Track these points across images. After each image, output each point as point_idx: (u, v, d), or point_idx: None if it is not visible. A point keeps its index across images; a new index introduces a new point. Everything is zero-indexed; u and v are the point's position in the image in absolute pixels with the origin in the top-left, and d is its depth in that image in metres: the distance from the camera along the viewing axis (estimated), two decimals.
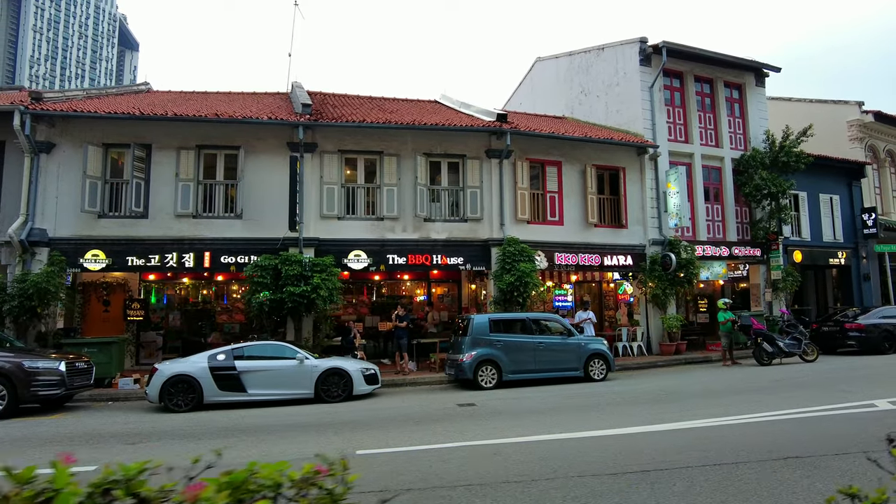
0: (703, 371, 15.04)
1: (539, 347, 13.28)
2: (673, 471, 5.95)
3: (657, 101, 19.19)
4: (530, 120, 19.92)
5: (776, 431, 7.69)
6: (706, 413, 8.98)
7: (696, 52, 19.54)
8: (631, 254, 18.29)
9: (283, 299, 14.20)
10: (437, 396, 12.13)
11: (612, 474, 5.90)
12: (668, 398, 10.86)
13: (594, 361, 13.57)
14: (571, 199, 17.82)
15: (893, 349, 17.05)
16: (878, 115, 23.50)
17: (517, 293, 15.45)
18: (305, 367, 11.75)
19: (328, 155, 16.09)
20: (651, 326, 18.24)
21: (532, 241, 16.86)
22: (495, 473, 6.14)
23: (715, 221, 20.03)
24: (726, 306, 16.51)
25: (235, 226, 15.55)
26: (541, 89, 24.53)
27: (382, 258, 15.85)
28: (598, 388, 12.39)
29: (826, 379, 12.52)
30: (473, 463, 6.61)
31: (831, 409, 8.91)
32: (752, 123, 21.01)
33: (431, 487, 5.73)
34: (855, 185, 23.26)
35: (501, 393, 12.28)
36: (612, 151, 18.49)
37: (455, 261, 16.25)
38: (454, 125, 16.29)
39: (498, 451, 7.11)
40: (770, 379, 12.86)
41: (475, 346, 12.96)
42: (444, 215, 16.72)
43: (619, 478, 5.76)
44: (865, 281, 22.89)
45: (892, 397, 9.61)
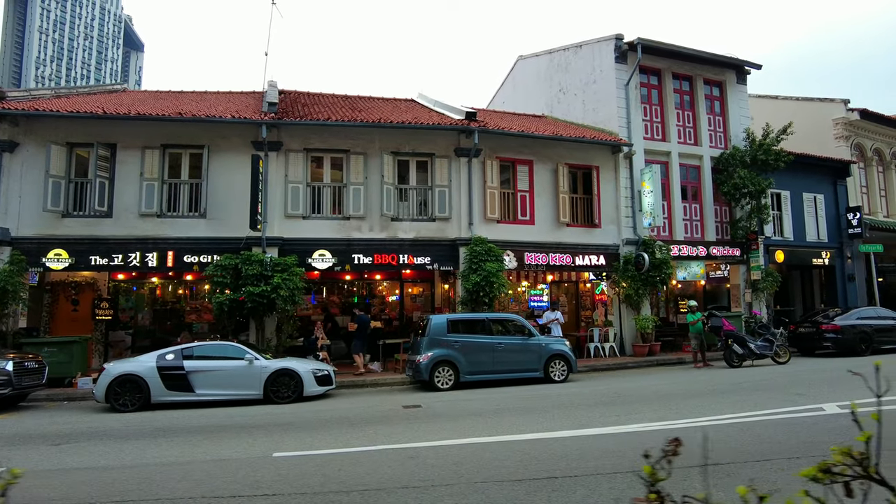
0: (671, 373, 14.79)
1: (498, 348, 13.11)
2: (581, 478, 5.79)
3: (633, 99, 18.94)
4: (505, 119, 19.74)
5: (712, 437, 7.49)
6: (650, 417, 8.79)
7: (673, 49, 19.27)
8: (604, 253, 18.07)
9: (242, 299, 14.12)
10: (389, 398, 12.00)
11: (518, 480, 5.75)
12: (619, 401, 10.66)
13: (555, 362, 13.39)
14: (543, 199, 17.62)
15: (870, 350, 16.74)
16: (864, 113, 23.11)
17: (483, 293, 15.28)
18: (254, 367, 11.65)
19: (293, 153, 15.99)
20: (624, 327, 18.02)
21: (502, 241, 16.69)
22: (399, 478, 6.00)
23: (693, 221, 19.75)
24: (693, 308, 16.26)
25: (199, 225, 15.48)
26: (523, 88, 24.34)
27: (348, 258, 15.73)
28: (554, 390, 12.21)
29: (788, 382, 12.25)
30: (385, 467, 6.48)
31: (776, 414, 8.69)
32: (732, 121, 20.71)
33: (326, 492, 5.62)
34: (840, 183, 22.89)
35: (455, 394, 12.13)
36: (585, 150, 18.27)
37: (422, 260, 16.10)
38: (420, 123, 16.12)
39: (416, 455, 6.96)
40: (732, 382, 12.62)
41: (432, 346, 12.81)
42: (412, 214, 16.58)
43: (522, 484, 5.61)
44: (850, 281, 22.52)
45: (843, 401, 9.36)
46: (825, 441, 6.80)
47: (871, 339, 16.85)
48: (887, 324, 17.42)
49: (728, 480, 5.43)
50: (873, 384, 1.69)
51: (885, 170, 25.05)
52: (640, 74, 19.49)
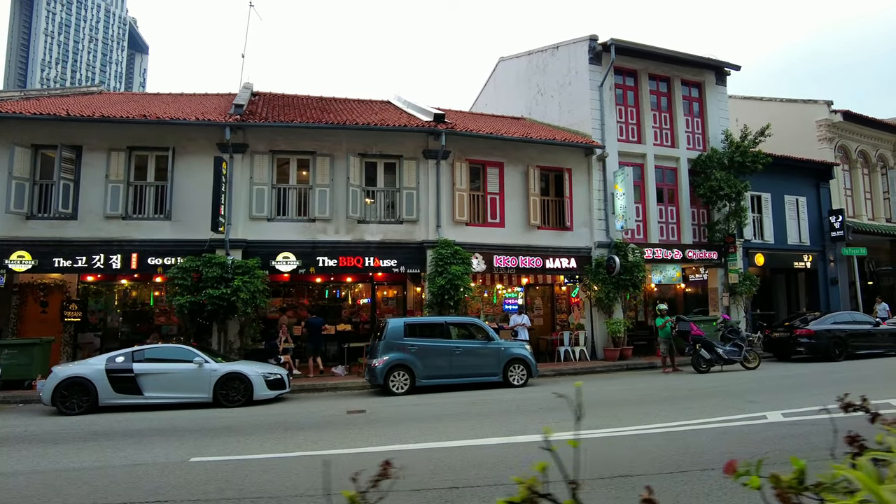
0: (636, 378, 14.60)
1: (456, 352, 12.99)
2: (483, 488, 5.70)
3: (607, 101, 18.77)
4: (479, 120, 19.62)
5: (639, 446, 7.34)
6: (589, 424, 8.59)
7: (648, 50, 19.09)
8: (576, 256, 17.91)
9: (203, 302, 14.08)
10: (340, 402, 11.90)
11: (417, 490, 5.64)
12: (567, 407, 10.48)
13: (514, 366, 13.25)
14: (514, 201, 17.49)
15: (844, 355, 16.47)
16: (847, 115, 22.82)
17: (448, 296, 15.16)
18: (204, 370, 11.59)
19: (259, 155, 15.94)
20: (596, 331, 17.84)
21: (470, 244, 16.57)
22: (300, 486, 5.94)
23: (669, 223, 19.54)
24: (662, 312, 16.05)
25: (165, 227, 15.46)
26: (504, 90, 24.22)
27: (313, 260, 15.66)
28: (508, 395, 12.07)
29: (749, 388, 12.04)
30: (293, 474, 6.41)
31: (718, 422, 8.51)
32: (711, 123, 20.49)
33: (220, 499, 5.59)
34: (823, 186, 22.61)
35: (408, 399, 12.01)
36: (557, 152, 18.12)
37: (388, 263, 16.01)
38: (387, 125, 16.04)
39: (327, 463, 6.89)
40: (691, 388, 12.44)
41: (388, 350, 12.70)
42: (379, 217, 16.49)
43: (418, 494, 5.50)
44: (833, 285, 22.23)
45: (791, 409, 9.19)
46: (748, 451, 6.64)
47: (846, 344, 16.59)
48: (862, 328, 17.17)
49: (628, 494, 5.31)
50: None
51: (871, 172, 24.74)
52: (616, 76, 19.32)
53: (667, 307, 16.70)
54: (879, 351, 17.11)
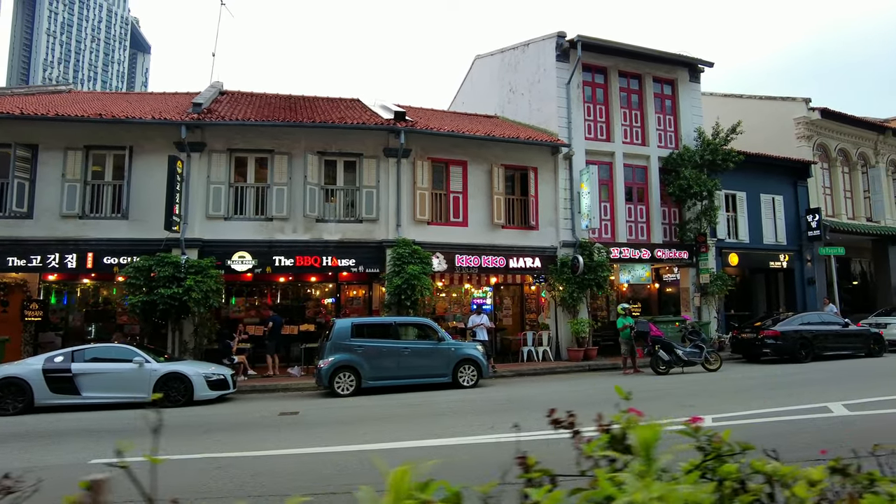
0: (592, 379, 14.40)
1: (404, 353, 12.84)
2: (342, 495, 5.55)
3: (574, 98, 18.55)
4: (445, 119, 19.45)
5: (505, 452, 7.13)
6: (506, 428, 8.47)
7: (616, 47, 18.86)
8: (541, 256, 17.71)
9: (155, 301, 14.00)
10: (281, 404, 11.77)
11: (285, 494, 5.50)
12: (502, 409, 10.36)
13: (464, 367, 13.09)
14: (477, 200, 17.32)
15: (811, 357, 16.21)
16: (825, 112, 22.48)
17: (405, 296, 15.01)
18: (144, 370, 11.50)
19: (217, 154, 15.84)
20: (560, 331, 17.65)
21: (432, 243, 16.42)
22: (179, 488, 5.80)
23: (638, 222, 19.30)
24: (625, 311, 15.83)
25: (122, 227, 15.39)
26: (479, 88, 24.03)
27: (269, 260, 15.55)
28: (453, 396, 11.93)
29: (692, 391, 11.83)
30: (177, 477, 6.27)
31: None
32: (683, 120, 20.23)
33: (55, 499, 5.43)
34: (800, 184, 22.29)
35: (351, 401, 11.89)
36: (523, 151, 17.93)
37: (347, 262, 15.88)
38: (345, 123, 15.90)
39: (224, 465, 6.78)
40: (637, 391, 12.09)
41: (334, 351, 12.57)
42: (338, 216, 16.36)
43: (281, 499, 5.37)
44: (810, 285, 21.93)
45: (724, 413, 9.00)
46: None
47: (813, 345, 16.33)
48: (831, 329, 16.90)
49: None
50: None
51: (851, 170, 24.39)
52: (585, 73, 19.10)
53: (629, 307, 16.49)
54: (848, 352, 16.85)
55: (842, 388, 11.48)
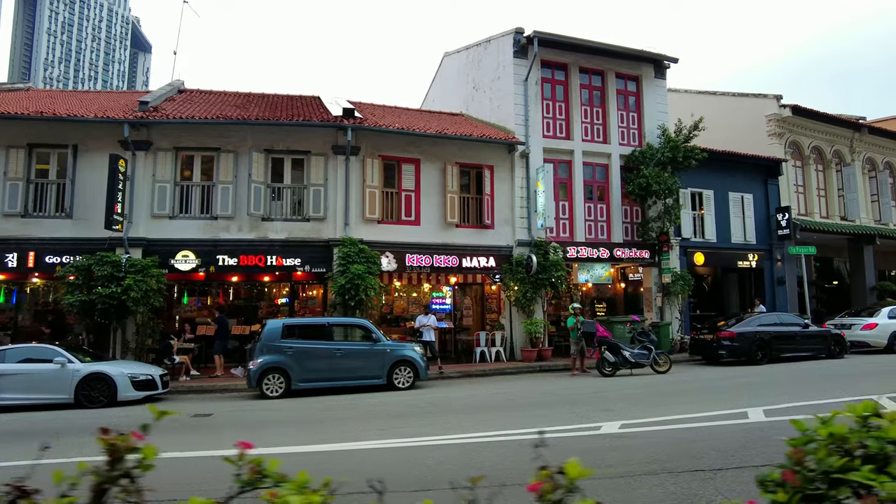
0: (536, 381, 14.12)
1: (336, 354, 12.61)
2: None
3: (532, 95, 18.26)
4: (403, 115, 19.18)
5: (379, 459, 6.90)
6: (412, 433, 8.27)
7: (575, 43, 18.55)
8: (496, 255, 17.45)
9: (93, 301, 13.85)
10: (205, 405, 11.59)
11: None
12: (418, 413, 10.11)
13: (399, 369, 12.86)
14: (431, 198, 17.06)
15: (767, 359, 15.88)
16: (796, 109, 22.08)
17: (349, 296, 14.79)
18: (66, 371, 11.34)
19: (163, 152, 15.67)
20: (515, 331, 17.38)
21: (382, 242, 16.20)
22: None
23: (598, 221, 18.99)
24: (575, 311, 15.54)
25: (65, 226, 15.24)
26: (448, 85, 23.77)
27: (212, 259, 15.36)
28: (383, 398, 11.72)
29: (625, 395, 11.54)
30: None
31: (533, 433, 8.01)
32: (647, 118, 19.89)
33: None
34: (771, 182, 21.90)
35: (278, 403, 11.71)
36: (478, 149, 17.66)
37: (292, 262, 15.67)
38: (292, 120, 15.70)
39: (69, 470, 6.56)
40: (571, 392, 12.02)
41: (264, 353, 12.37)
42: (285, 214, 16.16)
43: None
44: (780, 285, 21.54)
45: (635, 419, 8.72)
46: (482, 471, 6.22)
47: (770, 347, 15.99)
48: (789, 331, 16.55)
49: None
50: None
51: (826, 168, 23.96)
52: (545, 70, 18.81)
53: (580, 307, 16.21)
54: (807, 353, 16.50)
55: (778, 392, 11.19)
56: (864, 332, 18.03)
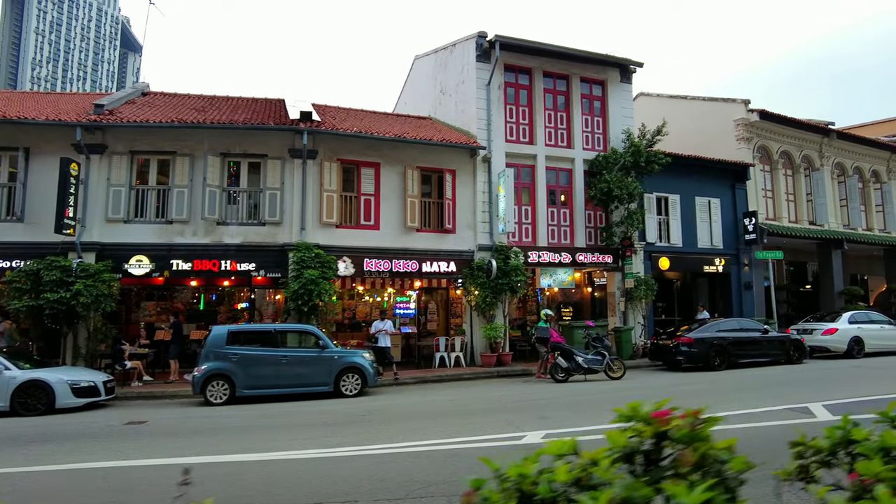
0: (489, 387, 14.03)
1: (281, 361, 12.51)
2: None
3: (494, 99, 18.23)
4: (365, 119, 19.08)
5: (290, 471, 6.83)
6: (327, 443, 8.18)
7: (538, 47, 18.51)
8: (457, 260, 17.39)
9: (41, 306, 13.70)
10: (144, 412, 11.48)
11: None
12: (359, 421, 10.02)
13: (347, 376, 12.77)
14: (391, 203, 16.99)
15: (726, 364, 15.86)
16: (763, 114, 22.13)
17: (302, 302, 14.70)
18: (2, 378, 11.19)
19: (118, 156, 15.54)
20: (475, 336, 17.32)
21: (340, 247, 16.12)
22: None
23: (561, 226, 18.96)
24: (547, 317, 15.49)
25: (17, 229, 15.07)
26: (418, 89, 23.71)
27: (167, 263, 15.23)
28: (324, 407, 11.61)
29: (568, 402, 11.49)
30: None
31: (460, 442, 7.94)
32: (612, 122, 19.89)
33: None
34: (739, 187, 21.94)
35: (219, 410, 11.60)
36: (440, 153, 17.60)
37: (247, 267, 15.56)
38: (248, 124, 15.60)
39: None
40: (515, 399, 11.96)
41: (208, 359, 12.27)
42: (241, 218, 16.05)
43: None
44: (747, 290, 21.58)
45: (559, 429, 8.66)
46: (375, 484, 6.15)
47: (728, 353, 15.98)
48: (748, 336, 16.56)
49: None
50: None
51: (795, 173, 24.03)
52: (508, 73, 18.79)
53: (551, 313, 16.18)
54: (766, 359, 16.52)
55: (714, 400, 11.11)
56: (825, 337, 18.07)
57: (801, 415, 9.07)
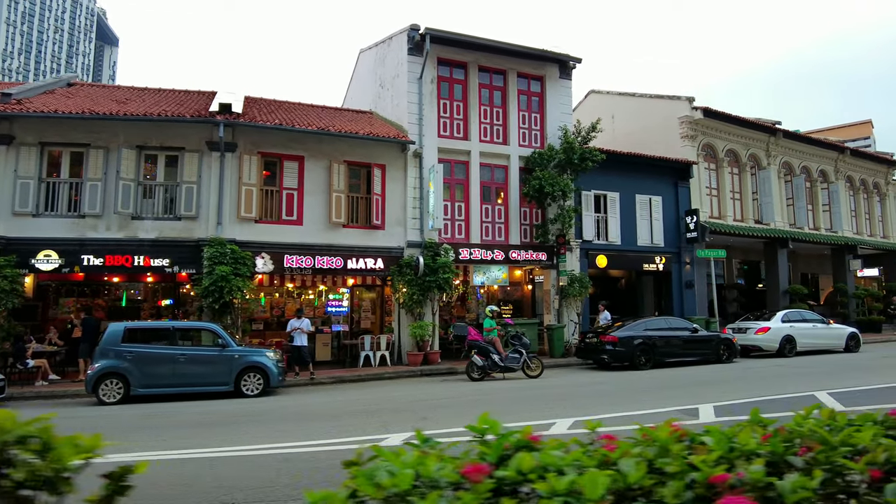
0: (406, 386, 13.73)
1: (179, 359, 12.12)
2: None
3: (427, 94, 17.92)
4: (302, 112, 18.67)
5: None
6: (192, 444, 7.86)
7: (472, 41, 18.22)
8: (385, 256, 17.06)
9: None
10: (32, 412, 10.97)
11: None
12: (239, 422, 9.71)
13: (249, 375, 12.41)
14: (316, 198, 16.61)
15: (652, 363, 15.71)
16: (707, 111, 22.03)
17: (213, 299, 14.30)
18: None
19: (26, 147, 15.00)
20: (403, 334, 17.02)
21: (259, 242, 15.73)
22: None
23: (496, 223, 18.71)
24: (492, 314, 15.19)
25: None
26: (362, 83, 23.32)
27: (77, 259, 14.74)
28: (215, 407, 11.27)
29: (466, 401, 11.26)
30: None
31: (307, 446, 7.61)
32: (550, 119, 19.66)
33: None
34: (682, 185, 21.83)
35: (107, 410, 11.25)
36: (369, 147, 17.25)
37: (161, 262, 15.12)
38: (162, 115, 15.15)
39: None
40: (412, 399, 11.70)
41: (103, 357, 11.87)
42: (156, 213, 15.59)
43: None
44: (688, 288, 21.48)
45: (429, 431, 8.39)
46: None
47: (654, 352, 15.83)
48: (676, 335, 16.42)
49: None
50: None
51: (741, 171, 23.99)
52: (443, 68, 18.48)
53: (497, 309, 15.92)
54: (694, 358, 16.39)
55: (604, 401, 10.93)
56: (758, 336, 18.01)
57: (686, 416, 8.87)
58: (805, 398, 10.29)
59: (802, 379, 13.09)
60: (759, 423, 1.97)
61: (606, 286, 23.30)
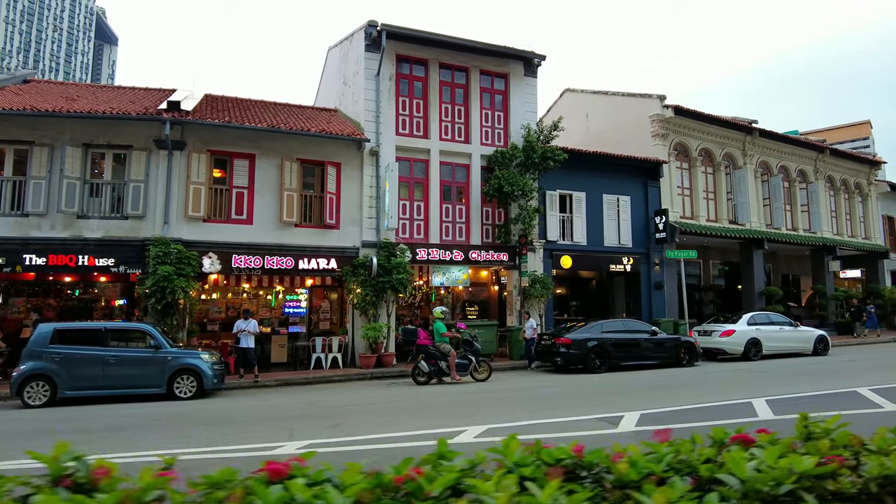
0: (349, 390, 13.45)
1: (109, 361, 11.88)
2: None
3: (385, 91, 17.62)
4: (253, 109, 18.38)
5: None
6: (82, 449, 7.54)
7: (432, 38, 17.91)
8: (339, 256, 16.78)
9: None
10: None
11: None
12: (146, 427, 9.44)
13: (182, 378, 12.15)
14: (267, 196, 16.34)
15: (606, 366, 15.38)
16: (678, 110, 21.66)
17: (156, 299, 14.05)
18: None
19: None
20: (357, 336, 16.74)
21: (208, 242, 15.48)
22: None
23: (457, 223, 18.40)
24: (444, 315, 14.88)
25: None
26: (330, 80, 23.04)
27: (19, 258, 14.51)
28: (139, 410, 11.03)
29: (396, 408, 11.01)
30: None
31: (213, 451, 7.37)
32: (514, 117, 19.33)
33: None
34: (652, 185, 21.47)
35: (30, 413, 11.03)
36: (324, 145, 16.97)
37: (105, 262, 14.87)
38: (107, 113, 14.89)
39: None
40: (351, 402, 11.48)
41: (29, 358, 11.62)
42: (103, 212, 15.34)
43: None
44: (657, 289, 21.12)
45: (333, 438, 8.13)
46: None
47: (609, 355, 15.50)
48: (633, 338, 16.09)
49: None
50: None
51: (715, 171, 23.60)
52: (402, 64, 18.19)
53: (447, 310, 15.62)
54: (653, 362, 16.05)
55: (530, 406, 10.62)
56: (722, 339, 17.66)
57: (606, 425, 8.55)
58: (742, 405, 9.99)
59: (754, 384, 12.73)
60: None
61: (577, 287, 22.99)
